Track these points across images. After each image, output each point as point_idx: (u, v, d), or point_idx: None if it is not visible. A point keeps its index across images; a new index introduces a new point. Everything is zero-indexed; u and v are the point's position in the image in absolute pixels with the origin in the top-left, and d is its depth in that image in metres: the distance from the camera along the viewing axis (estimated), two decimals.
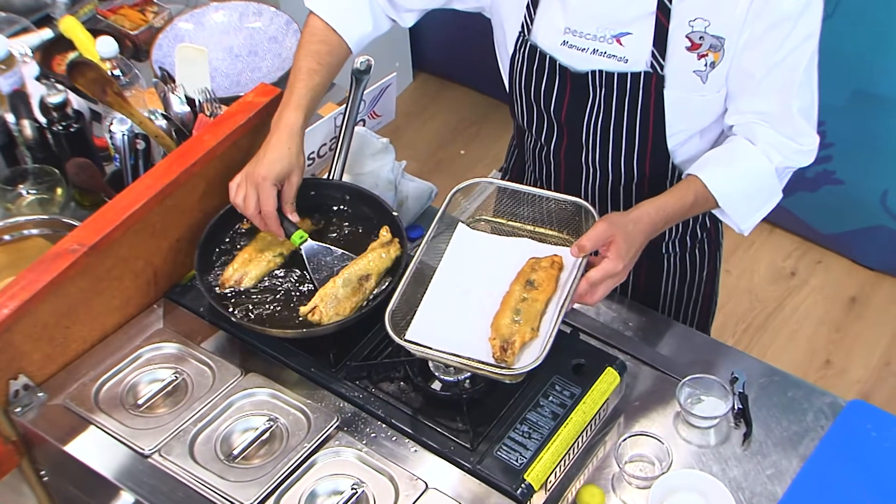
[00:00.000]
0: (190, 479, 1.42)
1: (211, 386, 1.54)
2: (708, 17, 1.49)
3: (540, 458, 1.43)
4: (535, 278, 1.51)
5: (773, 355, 3.01)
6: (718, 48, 1.51)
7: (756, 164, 1.58)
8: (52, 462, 1.59)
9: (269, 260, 1.63)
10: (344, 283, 1.55)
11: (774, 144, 1.57)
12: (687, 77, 1.55)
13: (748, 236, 3.32)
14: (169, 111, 1.83)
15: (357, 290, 1.54)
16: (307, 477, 1.43)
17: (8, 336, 1.47)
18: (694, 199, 1.56)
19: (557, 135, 1.70)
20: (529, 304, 1.49)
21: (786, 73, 1.51)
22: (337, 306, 1.51)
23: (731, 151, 1.59)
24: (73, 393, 1.55)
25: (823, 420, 1.56)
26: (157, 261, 1.66)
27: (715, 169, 1.58)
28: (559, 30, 1.59)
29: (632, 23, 1.53)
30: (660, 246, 1.81)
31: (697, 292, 1.89)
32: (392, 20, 1.80)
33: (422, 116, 3.84)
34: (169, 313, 1.68)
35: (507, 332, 1.45)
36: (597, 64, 1.58)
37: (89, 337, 1.61)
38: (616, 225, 1.46)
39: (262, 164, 1.56)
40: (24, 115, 1.88)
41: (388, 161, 1.95)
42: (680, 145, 1.66)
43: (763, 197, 1.62)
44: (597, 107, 1.62)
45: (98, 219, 1.56)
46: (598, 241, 1.46)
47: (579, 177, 1.75)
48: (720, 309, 3.09)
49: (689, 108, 1.59)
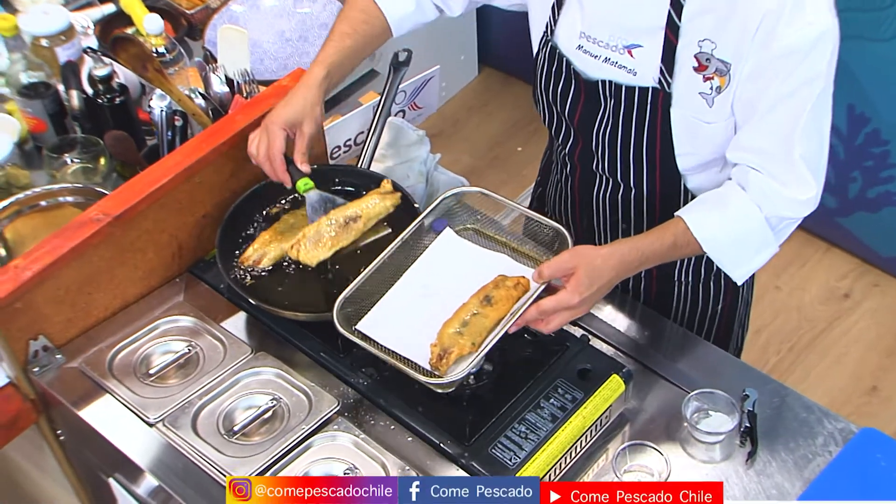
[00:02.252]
0: (189, 451, 1.45)
1: (221, 361, 1.58)
2: (715, 40, 1.45)
3: (534, 459, 1.43)
4: (494, 295, 1.50)
5: (816, 376, 2.94)
6: (724, 73, 1.47)
7: (745, 212, 1.51)
8: (67, 423, 1.64)
9: (289, 242, 1.66)
10: (329, 221, 1.55)
11: (766, 193, 1.50)
12: (693, 98, 1.51)
13: (803, 254, 3.27)
14: (209, 90, 1.87)
15: (343, 229, 1.52)
16: (302, 458, 1.45)
17: (30, 297, 1.52)
18: (673, 240, 1.50)
19: (573, 138, 1.69)
20: (478, 319, 1.47)
21: (789, 111, 1.45)
22: (318, 243, 1.51)
23: (720, 196, 1.53)
24: (90, 358, 1.60)
25: (833, 445, 1.52)
26: (182, 235, 1.70)
27: (700, 213, 1.52)
28: (576, 33, 1.57)
29: (642, 35, 1.50)
30: (672, 271, 1.77)
31: (711, 323, 1.84)
32: (439, 10, 1.78)
33: (483, 111, 3.85)
34: (190, 288, 1.72)
35: (448, 342, 1.45)
36: (608, 73, 1.56)
37: (111, 305, 1.65)
38: (582, 257, 1.43)
39: (274, 111, 1.60)
40: (74, 85, 1.94)
41: (423, 152, 1.96)
42: (694, 170, 1.62)
43: (753, 246, 1.55)
44: (607, 117, 1.60)
45: (124, 191, 1.60)
46: (558, 270, 1.43)
47: (592, 182, 1.73)
48: (766, 326, 3.07)
49: (695, 132, 1.55)
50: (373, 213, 1.60)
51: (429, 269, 1.56)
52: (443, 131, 3.74)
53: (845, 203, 3.08)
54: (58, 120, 2.02)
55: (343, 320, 1.46)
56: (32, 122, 2.00)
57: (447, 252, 1.59)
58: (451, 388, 1.44)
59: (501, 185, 3.44)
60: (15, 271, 1.50)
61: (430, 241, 1.59)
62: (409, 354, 1.45)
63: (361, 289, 1.50)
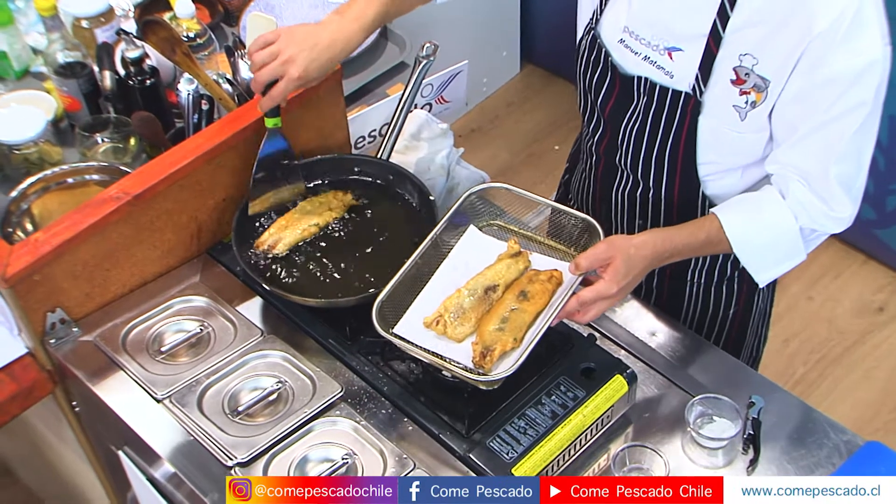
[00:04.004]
0: (193, 428, 1.48)
1: (231, 343, 1.60)
2: (757, 56, 1.44)
3: (531, 455, 1.43)
4: (530, 290, 1.51)
5: (844, 390, 2.90)
6: (762, 89, 1.46)
7: (780, 219, 1.52)
8: (82, 395, 1.68)
9: (304, 228, 1.68)
10: (469, 292, 1.52)
11: (804, 204, 1.50)
12: (725, 110, 1.50)
13: (839, 266, 3.22)
14: (236, 76, 1.89)
15: (483, 300, 1.51)
16: (302, 442, 1.47)
17: (48, 270, 1.56)
18: (706, 237, 1.52)
19: (602, 129, 1.70)
20: (517, 315, 1.48)
21: (830, 136, 1.44)
22: (462, 317, 1.49)
23: (758, 200, 1.54)
24: (105, 332, 1.63)
25: (836, 458, 1.51)
26: (201, 217, 1.73)
27: (736, 214, 1.53)
28: (619, 27, 1.58)
29: (685, 40, 1.50)
30: (686, 270, 1.76)
31: (721, 329, 1.83)
32: None
33: (523, 108, 3.84)
34: (207, 269, 1.75)
35: (490, 340, 1.46)
36: (645, 71, 1.56)
37: (129, 282, 1.69)
38: (617, 247, 1.45)
39: (305, 65, 1.54)
40: (107, 66, 1.98)
41: (446, 146, 1.97)
42: (713, 177, 1.61)
43: (782, 253, 1.56)
44: (637, 112, 1.60)
45: (145, 171, 1.64)
46: (596, 260, 1.45)
47: (613, 177, 1.73)
48: (796, 336, 3.03)
49: (723, 142, 1.55)
50: (510, 279, 1.54)
51: (458, 269, 1.57)
52: (481, 126, 3.75)
53: (884, 215, 3.03)
54: (92, 100, 2.06)
55: (381, 322, 1.45)
56: (67, 100, 2.05)
57: (473, 250, 1.59)
58: (498, 385, 1.44)
59: (535, 184, 3.43)
60: (34, 244, 1.54)
61: (450, 238, 1.59)
62: (451, 354, 1.45)
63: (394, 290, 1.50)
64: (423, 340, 1.46)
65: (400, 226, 1.72)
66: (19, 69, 2.21)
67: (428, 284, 1.55)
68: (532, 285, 1.52)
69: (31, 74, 2.23)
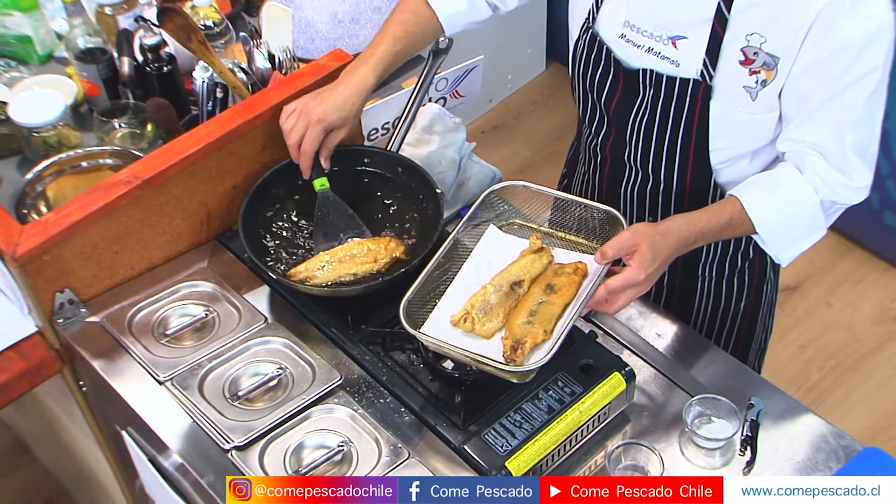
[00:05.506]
0: (193, 411, 1.50)
1: (234, 328, 1.62)
2: (765, 34, 1.45)
3: (525, 449, 1.44)
4: (556, 283, 1.51)
5: (859, 397, 2.88)
6: (772, 66, 1.47)
7: (800, 193, 1.52)
8: (88, 375, 1.70)
9: (341, 276, 1.63)
10: (495, 289, 1.52)
11: (823, 176, 1.51)
12: (736, 91, 1.51)
13: (860, 272, 3.19)
14: (251, 65, 1.91)
15: (509, 295, 1.52)
16: (299, 428, 1.48)
17: (58, 251, 1.59)
18: (729, 219, 1.52)
19: (606, 127, 1.70)
20: (546, 307, 1.49)
21: (843, 105, 1.45)
22: (489, 313, 1.49)
23: (776, 178, 1.54)
24: (112, 314, 1.66)
25: (834, 462, 1.50)
26: (211, 203, 1.75)
27: (756, 193, 1.53)
28: (619, 22, 1.58)
29: (688, 27, 1.51)
30: (696, 265, 1.77)
31: (733, 322, 1.83)
32: (493, 8, 1.78)
33: (546, 105, 3.84)
34: (216, 255, 1.77)
35: (520, 333, 1.46)
36: (650, 63, 1.56)
37: (137, 265, 1.71)
38: (642, 234, 1.45)
39: (323, 107, 1.61)
40: (126, 52, 2.01)
41: (457, 140, 1.98)
42: (725, 164, 1.62)
43: (804, 228, 1.56)
44: (645, 106, 1.60)
45: (156, 156, 1.66)
46: (621, 248, 1.45)
47: (621, 175, 1.73)
48: (813, 341, 3.01)
49: (734, 125, 1.55)
50: (534, 273, 1.55)
51: (481, 267, 1.57)
52: (505, 123, 3.75)
53: None
54: (111, 85, 2.09)
55: (409, 321, 1.45)
56: (87, 85, 2.08)
57: (495, 248, 1.60)
58: (532, 376, 1.45)
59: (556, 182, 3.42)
60: (44, 225, 1.57)
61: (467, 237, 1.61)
62: (480, 351, 1.45)
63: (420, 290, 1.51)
64: (451, 339, 1.46)
65: (406, 217, 1.73)
66: (43, 54, 2.25)
67: (452, 284, 1.55)
68: (558, 278, 1.52)
69: (54, 59, 2.27)
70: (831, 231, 1.61)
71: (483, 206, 1.62)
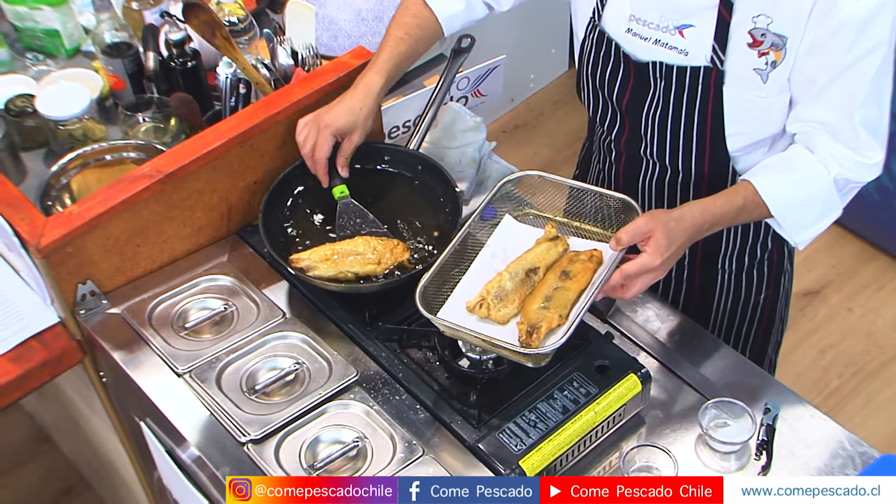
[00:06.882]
0: (210, 403, 1.52)
1: (253, 322, 1.64)
2: (771, 15, 1.45)
3: (539, 448, 1.44)
4: (571, 269, 1.52)
5: (878, 405, 2.86)
6: (780, 47, 1.47)
7: (813, 173, 1.52)
8: (109, 365, 1.72)
9: (341, 271, 1.63)
10: (511, 275, 1.53)
11: (834, 154, 1.51)
12: (747, 75, 1.51)
13: (883, 278, 3.17)
14: (275, 62, 1.93)
15: (525, 282, 1.53)
16: (315, 423, 1.49)
17: (80, 243, 1.61)
18: (743, 203, 1.51)
19: (619, 124, 1.70)
20: (561, 293, 1.50)
21: (850, 82, 1.45)
22: (505, 299, 1.50)
23: (788, 159, 1.54)
24: (132, 306, 1.67)
25: (850, 469, 1.49)
26: (232, 198, 1.76)
27: (769, 176, 1.53)
28: (625, 17, 1.59)
29: (694, 14, 1.51)
30: (716, 259, 1.77)
31: (753, 315, 1.83)
32: (489, 7, 1.81)
33: (569, 106, 3.84)
34: (236, 250, 1.78)
35: (535, 318, 1.47)
36: (658, 55, 1.57)
37: (158, 258, 1.73)
38: (657, 220, 1.45)
39: (330, 113, 1.65)
40: (151, 47, 2.03)
41: (478, 139, 1.98)
42: (743, 151, 1.61)
43: (819, 209, 1.56)
44: (657, 98, 1.61)
45: (178, 150, 1.67)
46: (636, 234, 1.45)
47: (638, 168, 1.74)
48: (833, 347, 2.99)
49: (748, 109, 1.55)
50: (550, 261, 1.56)
51: (497, 255, 1.59)
52: (527, 122, 3.75)
53: None
54: (136, 80, 2.11)
55: (425, 306, 1.46)
56: (113, 79, 2.10)
57: (511, 237, 1.61)
58: (548, 359, 1.45)
59: None
60: (68, 217, 1.59)
61: (482, 231, 1.61)
62: (496, 335, 1.46)
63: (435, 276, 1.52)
64: (467, 324, 1.47)
65: (424, 214, 1.74)
66: (70, 48, 2.27)
67: (468, 272, 1.57)
68: (573, 265, 1.53)
69: (81, 53, 2.29)
70: (855, 237, 1.61)
71: (498, 197, 1.62)
